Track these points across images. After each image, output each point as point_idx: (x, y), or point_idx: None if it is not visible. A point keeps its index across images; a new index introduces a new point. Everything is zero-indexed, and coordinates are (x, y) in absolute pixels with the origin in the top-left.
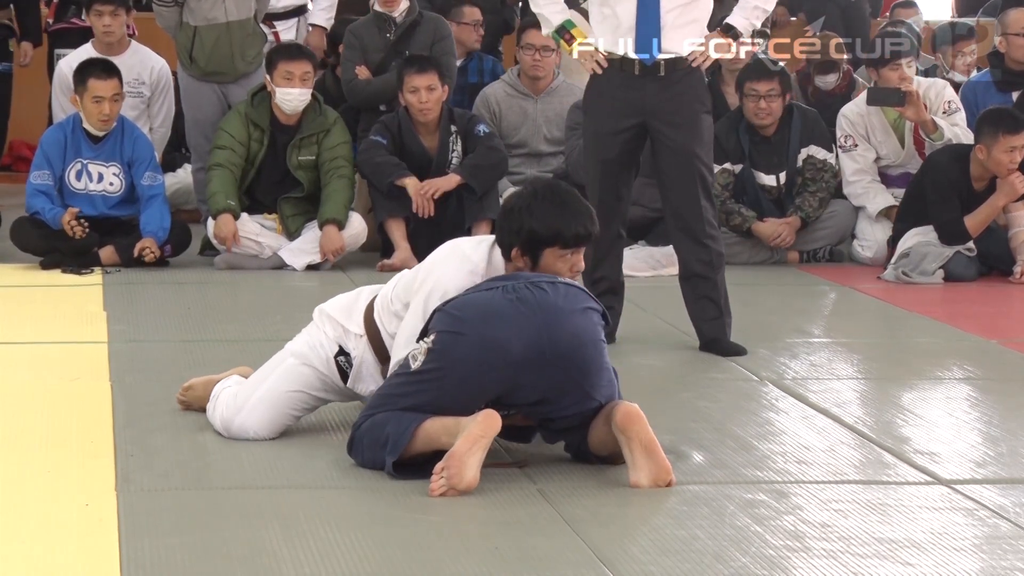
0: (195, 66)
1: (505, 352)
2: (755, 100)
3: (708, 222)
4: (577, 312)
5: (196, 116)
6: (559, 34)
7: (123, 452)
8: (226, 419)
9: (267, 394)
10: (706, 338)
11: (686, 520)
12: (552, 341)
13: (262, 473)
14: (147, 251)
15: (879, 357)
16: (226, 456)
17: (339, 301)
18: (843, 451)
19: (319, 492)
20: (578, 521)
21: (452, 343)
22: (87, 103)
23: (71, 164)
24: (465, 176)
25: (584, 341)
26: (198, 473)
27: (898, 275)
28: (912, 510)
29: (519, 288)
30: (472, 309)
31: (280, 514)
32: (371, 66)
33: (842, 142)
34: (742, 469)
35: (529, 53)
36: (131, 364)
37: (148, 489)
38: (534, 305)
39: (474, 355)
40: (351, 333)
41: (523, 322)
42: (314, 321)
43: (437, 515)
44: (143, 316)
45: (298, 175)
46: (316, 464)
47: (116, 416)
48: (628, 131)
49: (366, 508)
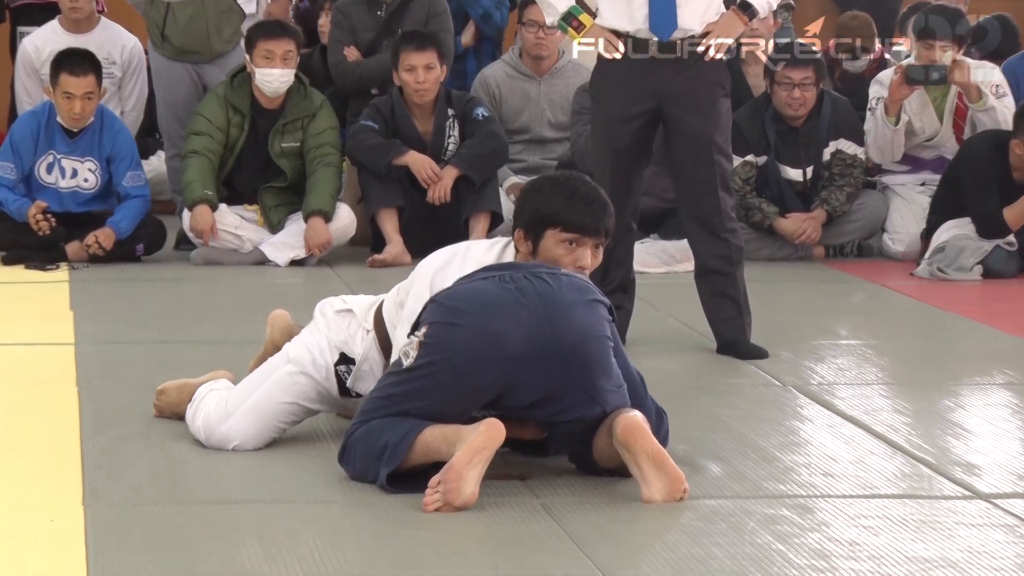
0: (167, 45)
1: (503, 345)
2: (788, 89)
3: (726, 214)
4: (581, 304)
5: (169, 99)
6: (566, 21)
7: (91, 463)
8: (210, 426)
9: (259, 403)
10: (724, 340)
11: (702, 537)
12: (553, 335)
13: (242, 486)
14: (92, 240)
15: (912, 360)
16: (203, 467)
17: (363, 300)
18: (873, 463)
19: (303, 506)
20: (585, 538)
21: (446, 335)
22: (58, 98)
23: (42, 157)
24: (462, 167)
25: (587, 336)
26: (172, 486)
27: (933, 271)
28: (948, 527)
29: (517, 278)
30: (468, 299)
31: (260, 531)
32: (361, 47)
33: (872, 104)
34: (763, 482)
35: (531, 30)
36: (100, 367)
37: (118, 503)
38: (534, 296)
39: (470, 348)
40: (361, 328)
41: (523, 314)
42: (315, 321)
43: (432, 531)
44: (113, 316)
45: (281, 163)
46: (300, 477)
47: (84, 424)
48: (641, 117)
49: (355, 524)
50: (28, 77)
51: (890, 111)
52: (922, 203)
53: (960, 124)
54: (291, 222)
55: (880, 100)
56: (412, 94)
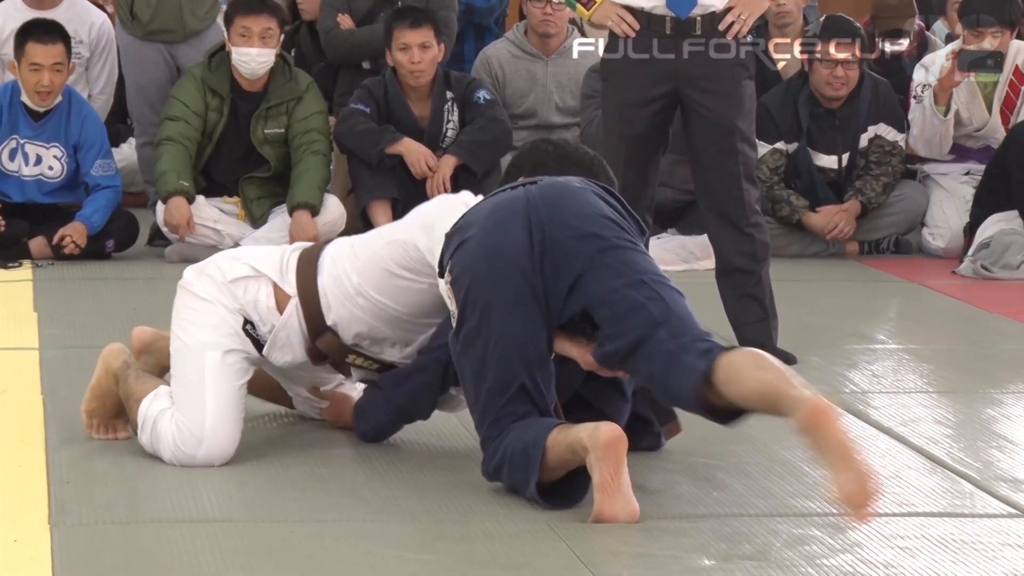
0: (137, 23)
1: (513, 240)
2: (830, 67)
3: (750, 207)
4: (587, 191)
5: (140, 82)
6: None
7: (57, 478)
8: (186, 455)
9: (220, 407)
10: (749, 344)
11: (725, 559)
12: (551, 222)
13: (220, 504)
14: (67, 239)
15: (953, 366)
16: (178, 484)
17: (257, 257)
18: (911, 478)
19: (287, 526)
20: (596, 560)
21: (463, 255)
22: (24, 71)
23: (5, 141)
24: (462, 156)
25: (593, 214)
26: (145, 504)
27: (976, 269)
28: (992, 547)
29: (518, 188)
30: (472, 216)
31: (241, 552)
32: (356, 16)
33: (917, 92)
34: (790, 499)
35: (538, 6)
36: (66, 374)
37: (86, 523)
38: (536, 194)
39: (483, 251)
40: (265, 289)
41: (521, 212)
42: (194, 294)
43: (429, 554)
44: (81, 317)
45: (264, 151)
46: (284, 495)
47: (49, 436)
48: (657, 101)
49: (343, 546)
50: None
51: (939, 100)
52: (965, 195)
53: (1008, 114)
54: (275, 215)
55: (927, 88)
56: (407, 75)
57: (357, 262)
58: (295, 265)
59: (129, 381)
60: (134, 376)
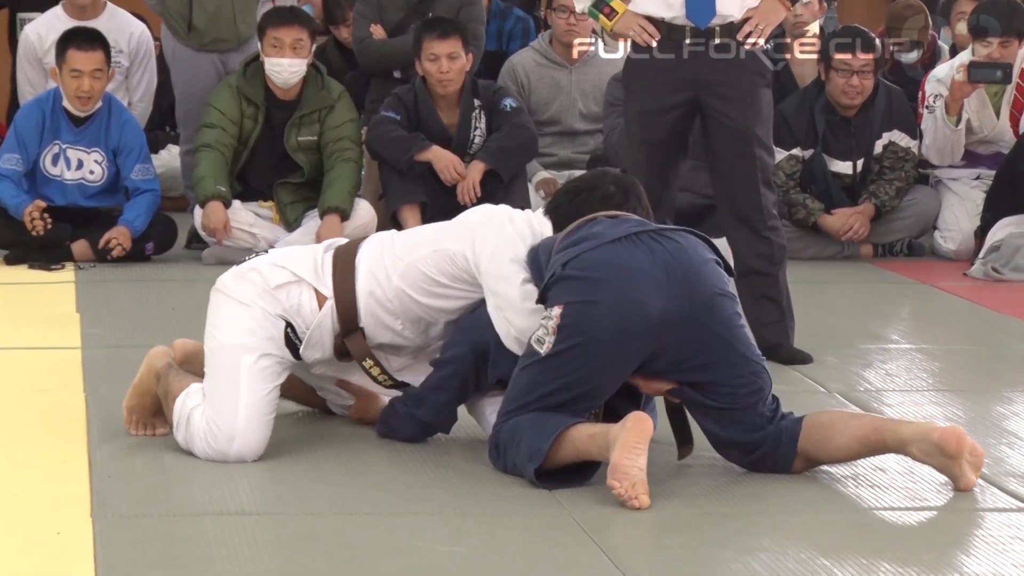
0: (195, 35)
1: (646, 312)
2: (846, 76)
3: (767, 211)
4: (710, 261)
5: (190, 90)
6: (597, 8)
7: (99, 473)
8: (217, 452)
9: (252, 409)
10: (766, 344)
11: (743, 552)
12: (691, 294)
13: (255, 498)
14: (114, 242)
15: (965, 366)
16: (216, 478)
17: (293, 260)
18: (923, 474)
19: (322, 519)
20: (620, 554)
21: (585, 313)
22: (65, 77)
23: (48, 147)
24: (489, 162)
25: (722, 292)
26: (183, 497)
27: (987, 271)
28: (1002, 541)
29: (645, 239)
30: (602, 268)
31: (276, 544)
32: (388, 27)
33: (929, 102)
34: (806, 494)
35: (563, 16)
36: (107, 373)
37: (127, 516)
38: (666, 255)
39: (614, 321)
40: (307, 293)
41: (660, 276)
42: (232, 298)
43: (458, 546)
44: (121, 318)
45: (297, 158)
46: (317, 488)
47: (91, 432)
48: (677, 108)
49: (374, 538)
50: (31, 66)
51: (951, 110)
52: (976, 199)
53: (1016, 117)
54: (308, 219)
55: (939, 98)
56: (435, 84)
57: (400, 264)
58: (330, 266)
59: (168, 380)
60: (173, 375)
